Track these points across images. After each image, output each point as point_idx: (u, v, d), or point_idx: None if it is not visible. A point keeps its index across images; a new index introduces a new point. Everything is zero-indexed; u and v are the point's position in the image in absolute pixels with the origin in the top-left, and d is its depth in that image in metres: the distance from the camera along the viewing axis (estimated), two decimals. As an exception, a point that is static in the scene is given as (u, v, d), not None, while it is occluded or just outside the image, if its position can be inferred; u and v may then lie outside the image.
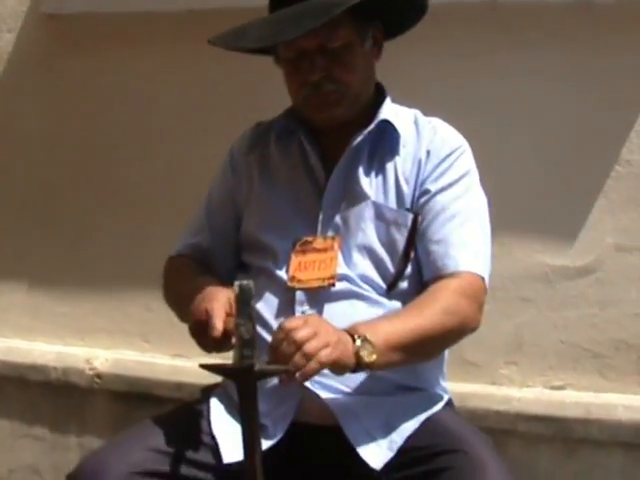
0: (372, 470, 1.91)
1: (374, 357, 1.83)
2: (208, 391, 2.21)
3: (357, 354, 1.81)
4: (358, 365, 1.82)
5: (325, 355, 1.75)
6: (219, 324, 1.86)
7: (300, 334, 1.75)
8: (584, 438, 2.57)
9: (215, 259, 2.23)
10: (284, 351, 1.75)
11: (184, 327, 2.93)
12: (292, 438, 1.98)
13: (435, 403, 2.06)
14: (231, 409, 2.06)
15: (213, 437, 2.01)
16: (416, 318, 1.92)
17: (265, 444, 1.95)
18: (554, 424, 2.59)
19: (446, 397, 2.12)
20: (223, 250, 2.22)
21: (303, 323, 1.77)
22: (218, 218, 2.24)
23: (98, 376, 2.96)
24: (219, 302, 1.91)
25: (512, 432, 2.60)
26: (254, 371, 1.78)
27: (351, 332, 1.82)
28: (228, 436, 2.01)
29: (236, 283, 1.78)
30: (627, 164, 2.66)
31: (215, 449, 1.99)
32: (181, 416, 2.10)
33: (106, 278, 3.03)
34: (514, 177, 2.67)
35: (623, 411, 2.59)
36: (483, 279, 2.03)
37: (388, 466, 1.92)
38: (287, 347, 1.75)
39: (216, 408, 2.08)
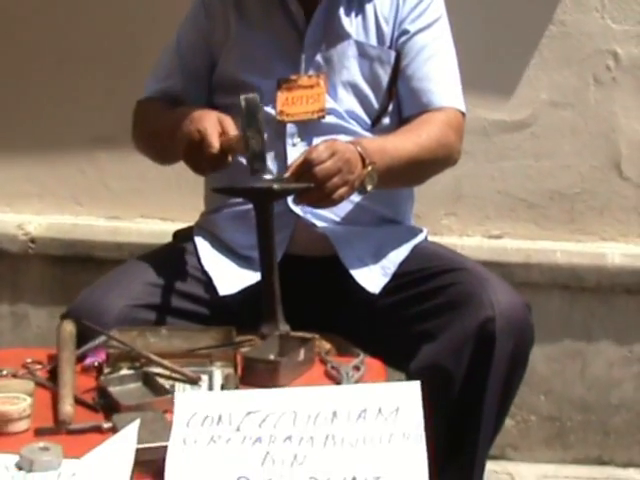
0: (369, 296, 1.98)
1: (372, 188, 1.91)
2: (181, 234, 2.22)
3: (362, 183, 1.89)
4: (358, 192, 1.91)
5: (339, 195, 1.84)
6: (215, 141, 1.86)
7: (326, 168, 1.81)
8: (525, 282, 2.71)
9: (187, 103, 2.19)
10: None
11: (118, 189, 2.95)
12: (284, 270, 2.01)
13: (418, 234, 2.15)
14: (217, 246, 2.09)
15: (204, 272, 2.03)
16: (413, 144, 2.01)
17: (255, 277, 1.99)
18: (497, 269, 2.69)
19: (425, 230, 2.20)
20: (195, 93, 2.20)
21: (329, 156, 1.83)
22: (190, 61, 2.20)
23: (32, 241, 2.89)
24: (210, 121, 1.91)
25: (457, 278, 2.71)
26: (274, 190, 1.82)
27: (363, 156, 1.88)
28: (220, 271, 2.04)
29: (241, 96, 1.82)
30: (561, 24, 2.80)
31: (208, 284, 2.02)
32: (170, 254, 2.11)
33: (36, 141, 2.92)
34: (454, 35, 2.74)
35: (560, 256, 2.75)
36: (464, 114, 2.13)
37: (385, 290, 1.99)
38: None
39: (202, 246, 2.09)
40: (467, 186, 2.83)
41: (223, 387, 1.52)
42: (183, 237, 2.19)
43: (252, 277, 2.02)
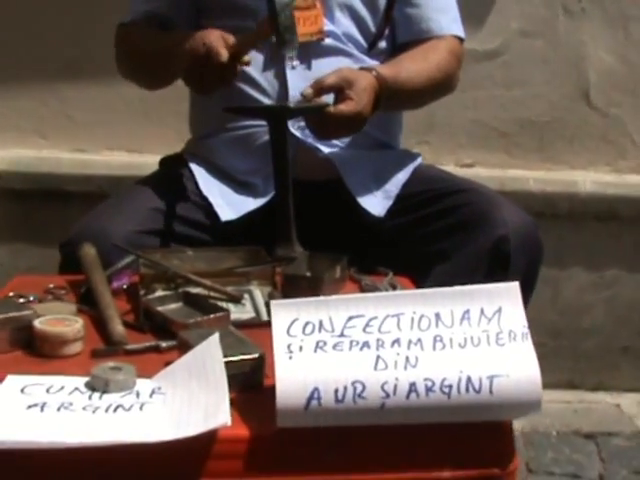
0: (374, 220, 1.97)
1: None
2: (170, 162, 2.17)
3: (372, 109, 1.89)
4: None
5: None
6: (223, 50, 1.81)
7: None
8: (499, 209, 2.73)
9: (174, 26, 2.12)
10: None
11: (83, 121, 2.87)
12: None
13: (415, 158, 2.14)
14: (214, 172, 2.05)
15: (204, 198, 1.99)
16: (421, 69, 2.01)
17: (256, 203, 1.98)
18: (471, 197, 2.73)
19: (420, 155, 2.20)
20: (183, 15, 2.12)
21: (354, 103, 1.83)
22: None
23: (-5, 175, 2.78)
24: (215, 35, 1.85)
25: (432, 206, 2.72)
26: (290, 108, 1.78)
27: (378, 91, 1.89)
28: (219, 197, 2.01)
29: None
30: (530, -49, 2.81)
31: (208, 210, 1.98)
32: (167, 181, 2.05)
33: (-5, 72, 2.81)
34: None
35: (533, 184, 2.78)
36: (462, 42, 2.13)
37: (390, 213, 1.99)
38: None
39: (199, 172, 2.05)
40: (440, 115, 2.83)
41: (267, 305, 1.50)
42: (173, 164, 2.13)
43: (253, 203, 1.99)
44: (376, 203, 2.00)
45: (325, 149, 2.01)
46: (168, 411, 1.10)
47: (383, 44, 2.08)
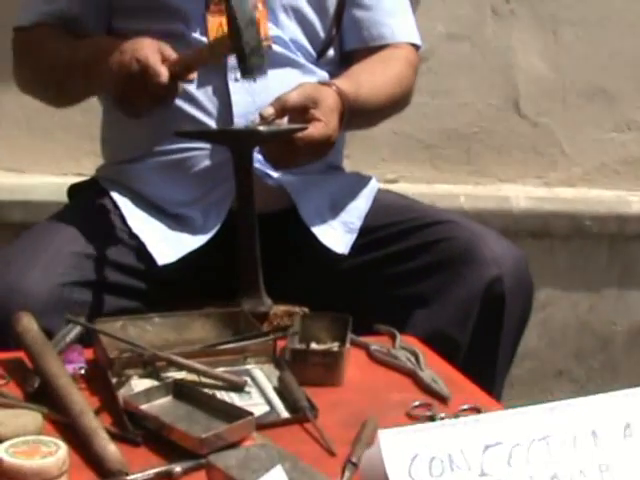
0: (334, 257, 1.71)
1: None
2: (82, 190, 1.86)
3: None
4: None
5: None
6: (163, 69, 1.52)
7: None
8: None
9: (83, 29, 1.78)
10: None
11: (12, 139, 2.44)
12: (230, 230, 1.67)
13: (371, 182, 1.89)
14: (140, 204, 1.74)
15: (133, 236, 1.68)
16: (381, 84, 1.79)
17: (196, 241, 1.69)
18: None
19: (375, 178, 1.93)
20: (94, 17, 1.79)
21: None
22: None
23: None
24: (150, 48, 1.56)
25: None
26: (261, 132, 1.49)
27: (342, 107, 1.65)
28: (152, 235, 1.70)
29: None
30: (458, -47, 2.59)
31: (140, 250, 1.67)
32: (86, 215, 1.72)
33: None
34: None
35: (465, 201, 2.58)
36: (418, 49, 1.92)
37: (354, 248, 1.73)
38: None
39: (124, 204, 1.73)
40: (361, 127, 2.57)
41: (278, 391, 1.19)
42: (87, 194, 1.80)
43: (192, 241, 1.70)
44: (336, 238, 1.74)
45: (275, 175, 1.73)
46: None
47: (332, 52, 1.84)
